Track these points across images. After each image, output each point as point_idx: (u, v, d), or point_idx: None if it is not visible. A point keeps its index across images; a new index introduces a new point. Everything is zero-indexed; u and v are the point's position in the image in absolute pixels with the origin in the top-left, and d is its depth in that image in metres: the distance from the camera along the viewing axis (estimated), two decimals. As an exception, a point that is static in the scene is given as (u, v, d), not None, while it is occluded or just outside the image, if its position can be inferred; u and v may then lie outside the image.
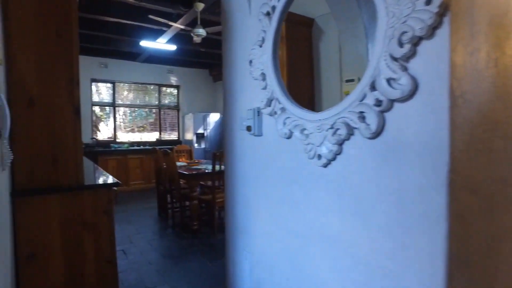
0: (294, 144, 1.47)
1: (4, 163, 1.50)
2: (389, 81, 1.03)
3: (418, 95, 0.98)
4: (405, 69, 0.99)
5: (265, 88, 1.61)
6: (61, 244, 1.89)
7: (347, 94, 1.95)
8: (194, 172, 4.06)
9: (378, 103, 1.07)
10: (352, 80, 2.09)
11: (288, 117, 1.47)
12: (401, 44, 0.98)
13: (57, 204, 1.87)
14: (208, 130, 7.98)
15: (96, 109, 7.59)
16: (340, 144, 1.24)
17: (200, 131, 7.89)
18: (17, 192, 1.79)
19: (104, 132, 7.69)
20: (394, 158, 1.06)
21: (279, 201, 1.60)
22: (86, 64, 7.17)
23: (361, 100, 1.13)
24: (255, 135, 1.72)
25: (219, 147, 8.15)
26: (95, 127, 7.58)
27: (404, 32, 0.96)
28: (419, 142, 0.98)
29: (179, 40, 6.29)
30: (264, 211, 1.72)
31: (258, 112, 1.68)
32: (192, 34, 4.50)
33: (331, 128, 1.25)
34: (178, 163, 4.70)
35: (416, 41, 0.95)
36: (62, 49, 1.92)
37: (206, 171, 4.15)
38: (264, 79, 1.62)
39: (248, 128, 1.72)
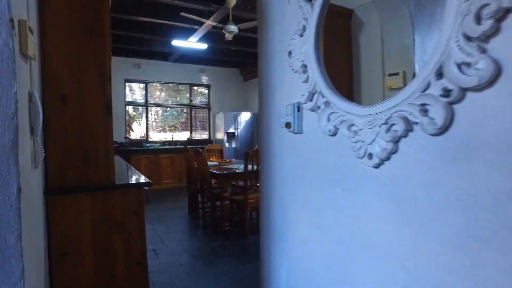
0: (340, 142, 1.33)
1: (37, 161, 1.46)
2: (460, 66, 0.87)
3: (501, 82, 0.81)
4: (483, 51, 0.83)
5: (306, 81, 1.47)
6: (92, 244, 1.84)
7: (390, 89, 1.78)
8: (225, 172, 3.98)
9: (446, 93, 0.91)
10: (396, 74, 1.91)
11: (333, 112, 1.33)
12: (479, 21, 0.82)
13: (88, 203, 1.82)
14: (239, 130, 7.92)
15: (130, 109, 7.72)
16: (396, 141, 1.08)
17: (231, 130, 7.84)
18: (50, 190, 1.76)
19: (136, 132, 7.81)
20: (466, 157, 0.90)
21: (321, 205, 1.47)
22: (120, 65, 7.30)
23: (424, 91, 0.97)
24: (295, 133, 1.59)
25: (250, 147, 8.07)
26: (128, 127, 7.71)
27: (484, 5, 0.80)
28: (501, 139, 0.82)
29: (210, 39, 6.25)
30: (304, 215, 1.59)
31: (298, 108, 1.54)
32: (223, 31, 4.42)
33: (385, 123, 1.10)
34: (209, 163, 4.64)
35: (501, 15, 0.79)
36: (94, 45, 1.87)
37: (238, 170, 4.06)
38: (305, 71, 1.49)
39: (287, 125, 1.59)
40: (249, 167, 3.75)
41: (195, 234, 4.05)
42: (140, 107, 7.82)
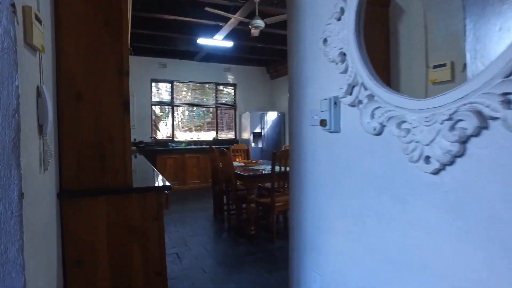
0: (387, 142, 1.12)
1: (46, 162, 1.34)
2: None
3: None
4: None
5: (345, 71, 1.27)
6: (108, 251, 1.71)
7: (434, 82, 1.54)
8: (251, 173, 3.81)
9: (541, 78, 0.69)
10: (442, 66, 1.67)
11: (379, 107, 1.12)
12: None
13: (104, 207, 1.70)
14: (266, 129, 7.74)
15: (157, 109, 7.72)
16: (463, 142, 0.87)
17: (257, 130, 7.68)
18: (64, 193, 1.65)
19: (163, 131, 7.80)
20: None
21: (362, 214, 1.26)
22: (146, 65, 7.30)
23: (508, 76, 0.75)
24: (331, 131, 1.39)
25: (277, 147, 7.87)
26: (154, 126, 7.71)
27: None
28: None
29: (236, 37, 6.11)
30: (341, 225, 1.39)
31: (335, 103, 1.34)
32: (249, 26, 4.26)
33: (449, 119, 0.88)
34: (235, 163, 4.49)
35: None
36: (111, 38, 1.74)
37: (265, 172, 3.88)
38: (343, 60, 1.28)
39: (322, 123, 1.39)
40: (277, 168, 3.56)
41: (220, 238, 3.90)
42: (166, 107, 7.80)
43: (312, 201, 1.59)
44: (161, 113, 7.82)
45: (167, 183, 1.90)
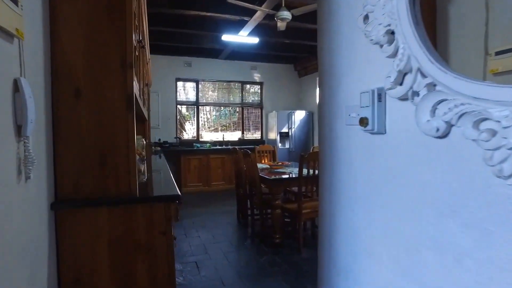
0: (456, 148, 0.82)
1: (26, 170, 1.13)
2: None
3: None
4: None
5: (394, 54, 0.97)
6: (110, 269, 1.49)
7: (495, 73, 1.23)
8: (277, 177, 3.53)
9: None
10: (508, 51, 1.33)
11: (444, 100, 0.82)
12: None
13: (105, 219, 1.48)
14: (293, 129, 7.43)
15: (183, 108, 7.60)
16: None
17: (284, 130, 7.38)
18: (59, 204, 1.44)
19: (189, 132, 7.66)
20: None
21: (415, 242, 0.96)
22: (171, 64, 7.19)
23: None
24: (374, 132, 1.10)
25: (305, 148, 7.54)
26: (180, 126, 7.59)
27: None
28: None
29: (261, 32, 5.85)
30: (385, 252, 1.09)
31: (379, 96, 1.05)
32: (275, 18, 3.98)
33: None
34: (260, 165, 4.23)
35: None
36: (114, 28, 1.52)
37: (291, 175, 3.60)
38: (391, 40, 0.99)
39: (362, 122, 1.09)
40: (305, 171, 3.26)
41: (243, 246, 3.65)
42: (191, 107, 7.66)
43: (346, 217, 1.30)
44: (187, 113, 7.69)
45: (178, 191, 1.67)
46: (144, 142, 4.12)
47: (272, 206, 3.45)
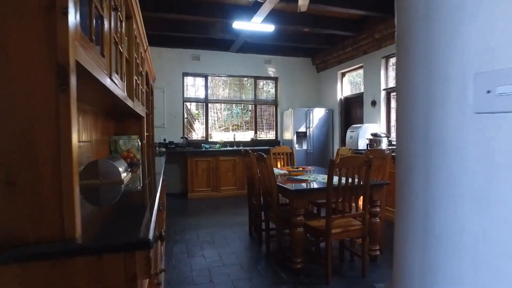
0: None
1: None
2: None
3: None
4: None
5: None
6: None
7: None
8: (298, 186, 2.85)
9: None
10: None
11: None
12: None
13: (13, 285, 0.82)
14: (311, 129, 6.72)
15: (192, 106, 6.98)
16: None
17: (302, 130, 6.68)
18: None
19: (198, 131, 7.04)
20: None
21: None
22: (178, 57, 6.58)
23: None
24: None
25: (325, 149, 6.82)
26: (189, 126, 6.97)
27: None
28: None
29: (277, 19, 5.18)
30: None
31: None
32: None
33: None
34: (276, 170, 3.55)
35: None
36: None
37: (316, 184, 2.91)
38: None
39: None
40: (335, 179, 2.57)
41: (255, 270, 2.97)
42: (200, 104, 7.03)
43: (446, 263, 0.61)
44: (197, 112, 7.07)
45: (150, 234, 0.99)
46: (139, 143, 3.50)
47: (292, 223, 2.77)
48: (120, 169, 1.82)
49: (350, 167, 2.57)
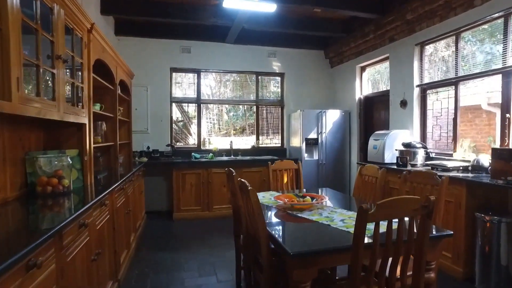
0: None
1: None
2: None
3: None
4: None
5: None
6: None
7: None
8: (298, 251, 1.73)
9: None
10: None
11: None
12: None
13: None
14: (324, 134, 5.57)
15: (190, 108, 5.91)
16: None
17: (312, 135, 5.53)
18: None
19: (195, 137, 5.96)
20: None
21: None
22: (165, 50, 5.54)
23: None
24: None
25: (341, 160, 5.66)
26: (185, 130, 5.91)
27: None
28: None
29: (281, -4, 4.08)
30: None
31: None
32: None
33: None
34: (273, 196, 2.41)
35: None
36: None
37: (333, 233, 1.78)
38: None
39: None
40: (369, 227, 1.43)
41: None
42: (191, 105, 5.96)
43: None
44: (194, 114, 5.98)
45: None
46: (80, 161, 2.43)
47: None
48: None
49: (395, 216, 1.44)
